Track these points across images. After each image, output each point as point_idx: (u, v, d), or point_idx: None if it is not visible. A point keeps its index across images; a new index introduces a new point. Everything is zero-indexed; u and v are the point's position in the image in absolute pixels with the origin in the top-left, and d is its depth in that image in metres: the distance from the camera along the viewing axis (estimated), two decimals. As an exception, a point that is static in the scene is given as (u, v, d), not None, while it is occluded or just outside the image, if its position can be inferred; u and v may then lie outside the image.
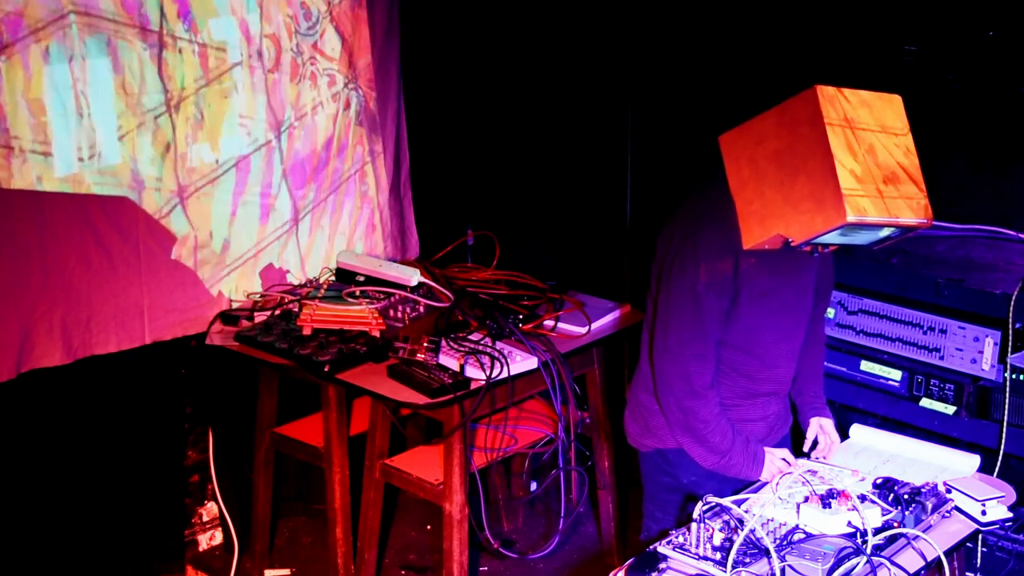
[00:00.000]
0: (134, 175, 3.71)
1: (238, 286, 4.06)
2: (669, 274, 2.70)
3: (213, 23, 3.84)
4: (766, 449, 2.79)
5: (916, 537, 2.42)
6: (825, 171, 2.36)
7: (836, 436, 2.95)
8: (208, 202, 3.94)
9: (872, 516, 2.40)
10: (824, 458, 2.89)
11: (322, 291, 3.87)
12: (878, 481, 2.57)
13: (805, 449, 2.97)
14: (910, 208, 2.42)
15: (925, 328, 3.32)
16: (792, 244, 2.45)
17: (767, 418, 2.89)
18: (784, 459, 2.78)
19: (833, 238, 2.44)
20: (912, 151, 2.49)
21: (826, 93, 2.41)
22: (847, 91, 2.45)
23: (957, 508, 2.60)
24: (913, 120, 2.56)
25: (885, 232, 2.46)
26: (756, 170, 2.50)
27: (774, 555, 2.28)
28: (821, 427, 2.97)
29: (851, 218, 2.33)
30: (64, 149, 3.54)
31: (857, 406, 3.46)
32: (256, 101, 4.02)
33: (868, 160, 2.40)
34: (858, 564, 2.29)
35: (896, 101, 2.52)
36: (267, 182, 4.11)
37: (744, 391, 2.81)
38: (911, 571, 2.34)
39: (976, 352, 3.21)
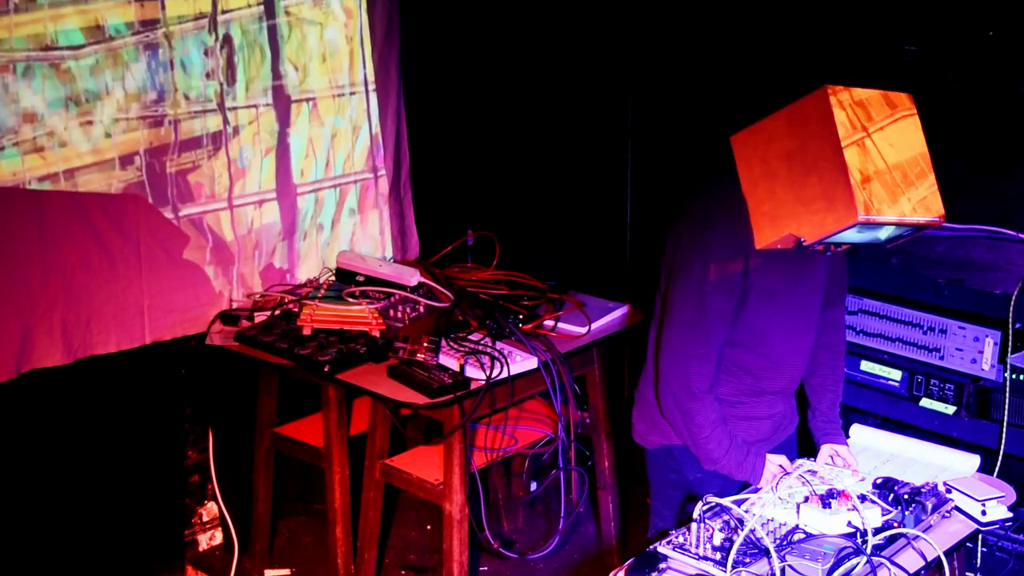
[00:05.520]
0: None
1: (238, 286, 4.06)
2: (677, 273, 2.69)
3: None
4: (767, 456, 2.76)
5: (916, 537, 2.42)
6: (836, 170, 2.37)
7: (853, 460, 2.84)
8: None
9: (872, 516, 2.40)
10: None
11: (322, 291, 3.87)
12: (878, 481, 2.57)
13: None
14: (922, 206, 2.42)
15: (925, 328, 3.32)
16: (804, 244, 2.45)
17: (773, 416, 2.87)
18: (781, 465, 2.75)
19: (845, 237, 2.45)
20: (924, 148, 2.49)
21: (836, 92, 2.42)
22: (857, 90, 2.45)
23: (957, 508, 2.60)
24: (913, 120, 2.56)
25: (897, 231, 2.46)
26: (768, 170, 2.50)
27: (774, 555, 2.28)
28: (835, 454, 2.87)
29: (862, 217, 2.34)
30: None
31: (857, 406, 3.45)
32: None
33: (879, 158, 2.40)
34: (858, 564, 2.29)
35: (906, 99, 2.52)
36: (267, 181, 4.12)
37: (749, 389, 2.80)
38: (911, 571, 2.34)
39: (976, 352, 3.21)
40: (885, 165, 2.41)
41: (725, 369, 2.75)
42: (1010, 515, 2.61)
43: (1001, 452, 3.13)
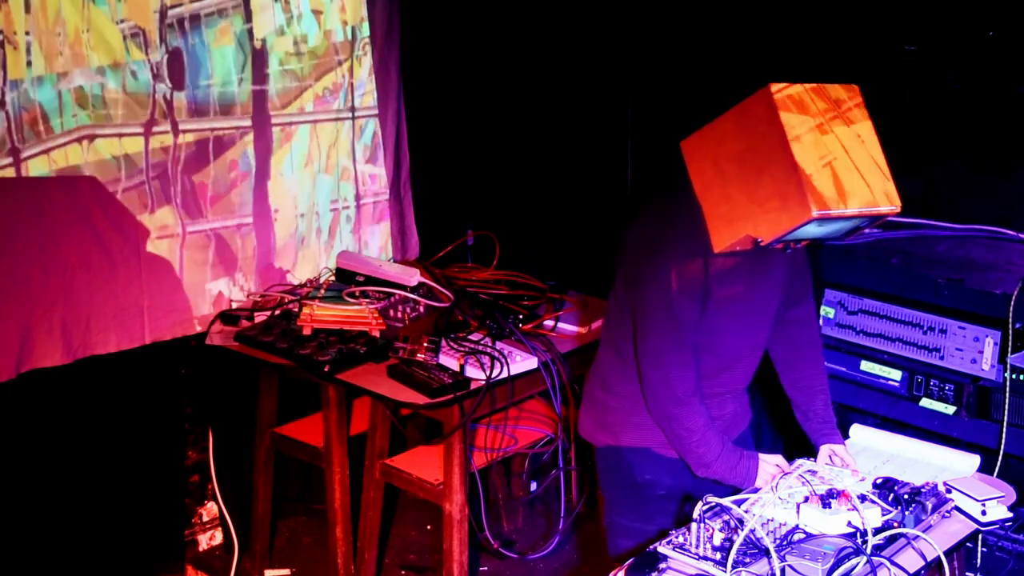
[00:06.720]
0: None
1: (238, 286, 4.06)
2: (643, 281, 2.69)
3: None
4: (761, 457, 2.75)
5: (916, 537, 2.42)
6: (787, 168, 2.36)
7: (851, 459, 2.83)
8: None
9: (872, 516, 2.40)
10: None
11: (322, 291, 3.87)
12: (878, 481, 2.57)
13: None
14: (875, 196, 2.41)
15: (925, 328, 3.32)
16: (762, 244, 2.44)
17: (723, 417, 2.85)
18: (778, 464, 2.75)
19: (803, 233, 2.43)
20: (874, 138, 2.47)
21: (780, 90, 2.40)
22: (802, 85, 2.44)
23: (957, 508, 2.59)
24: (913, 120, 2.56)
25: (853, 222, 2.46)
26: (720, 173, 2.49)
27: (774, 555, 2.28)
28: (833, 454, 2.86)
29: (816, 212, 2.33)
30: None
31: (857, 406, 3.45)
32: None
33: (828, 151, 2.39)
34: (858, 564, 2.29)
35: (853, 90, 2.51)
36: (266, 182, 4.12)
37: (700, 392, 2.77)
38: (911, 571, 2.34)
39: (976, 352, 3.21)
40: (835, 157, 2.39)
41: None
42: (1010, 515, 2.61)
43: (1001, 452, 3.13)
